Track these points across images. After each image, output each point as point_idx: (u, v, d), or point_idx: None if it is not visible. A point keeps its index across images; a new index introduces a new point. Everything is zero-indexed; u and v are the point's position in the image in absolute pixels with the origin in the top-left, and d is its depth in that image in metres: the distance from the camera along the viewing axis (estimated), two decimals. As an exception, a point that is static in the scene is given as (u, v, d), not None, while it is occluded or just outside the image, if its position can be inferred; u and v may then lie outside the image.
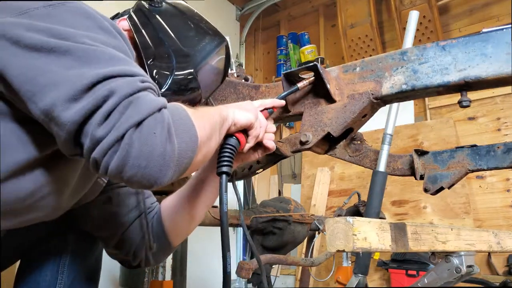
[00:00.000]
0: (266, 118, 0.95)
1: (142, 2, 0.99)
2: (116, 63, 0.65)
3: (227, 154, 0.87)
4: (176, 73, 0.93)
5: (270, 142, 0.96)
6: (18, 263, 1.02)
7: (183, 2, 1.06)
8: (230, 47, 1.05)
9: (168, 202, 1.06)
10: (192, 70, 0.95)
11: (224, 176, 0.86)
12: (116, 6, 1.09)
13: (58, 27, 0.66)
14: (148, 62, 0.91)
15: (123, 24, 0.96)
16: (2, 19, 0.66)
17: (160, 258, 1.10)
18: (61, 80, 0.61)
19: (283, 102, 0.99)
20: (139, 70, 0.69)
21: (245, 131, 0.90)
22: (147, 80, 0.67)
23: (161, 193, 1.35)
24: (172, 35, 0.96)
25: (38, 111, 0.62)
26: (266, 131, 0.95)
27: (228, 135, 0.87)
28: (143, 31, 0.94)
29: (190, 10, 1.04)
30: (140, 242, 1.04)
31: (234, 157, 0.89)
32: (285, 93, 1.00)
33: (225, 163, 0.87)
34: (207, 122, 0.75)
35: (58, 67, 0.62)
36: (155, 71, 0.91)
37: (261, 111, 0.95)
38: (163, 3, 1.00)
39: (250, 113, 0.88)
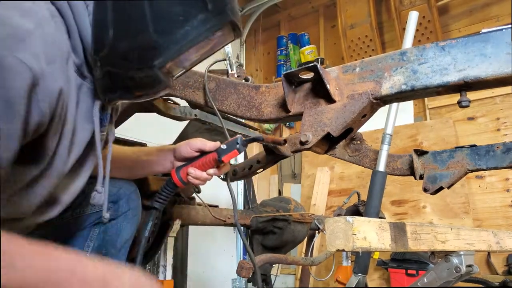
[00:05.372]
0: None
1: None
2: None
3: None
4: (130, 72, 0.75)
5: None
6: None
7: None
8: (236, 29, 0.82)
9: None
10: (155, 67, 0.74)
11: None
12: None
13: None
14: (96, 56, 0.74)
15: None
16: None
17: None
18: None
19: None
20: None
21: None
22: None
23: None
24: (147, 14, 0.71)
25: None
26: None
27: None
28: (108, 8, 0.73)
29: None
30: None
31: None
32: None
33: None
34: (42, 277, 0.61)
35: None
36: (104, 70, 0.75)
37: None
38: None
39: None
